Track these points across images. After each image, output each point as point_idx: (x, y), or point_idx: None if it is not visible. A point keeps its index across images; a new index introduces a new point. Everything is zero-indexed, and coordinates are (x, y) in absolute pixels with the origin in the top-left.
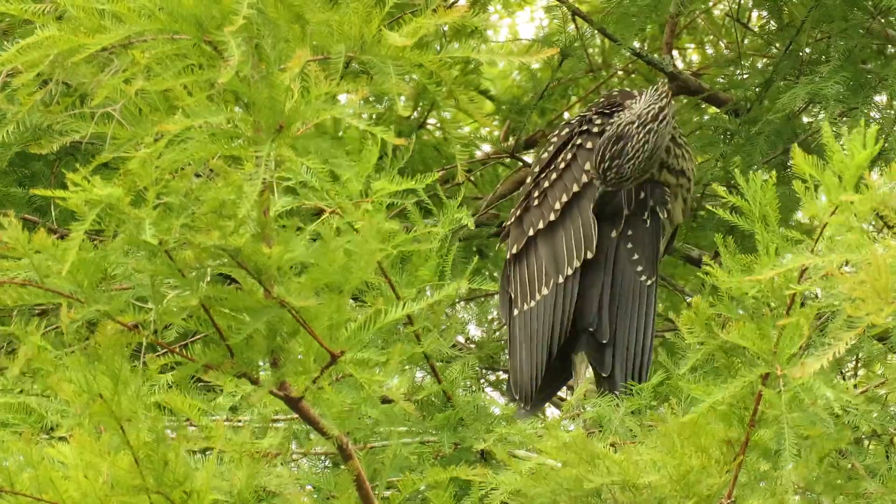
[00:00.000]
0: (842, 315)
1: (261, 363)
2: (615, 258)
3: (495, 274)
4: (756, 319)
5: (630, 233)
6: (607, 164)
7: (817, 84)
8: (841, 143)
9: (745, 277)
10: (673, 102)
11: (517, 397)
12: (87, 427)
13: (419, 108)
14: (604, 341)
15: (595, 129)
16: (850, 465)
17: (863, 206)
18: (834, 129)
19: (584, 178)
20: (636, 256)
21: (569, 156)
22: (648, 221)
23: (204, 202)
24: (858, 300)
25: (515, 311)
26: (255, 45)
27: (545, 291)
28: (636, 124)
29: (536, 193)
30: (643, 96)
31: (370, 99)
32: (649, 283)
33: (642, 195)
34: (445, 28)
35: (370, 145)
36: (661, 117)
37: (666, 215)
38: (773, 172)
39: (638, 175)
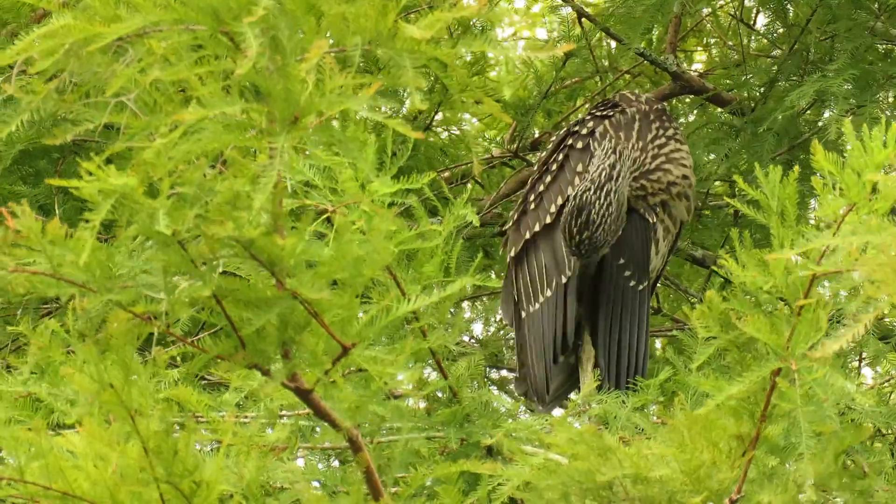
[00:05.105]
0: (860, 297)
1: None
2: (600, 263)
3: (502, 273)
4: (770, 313)
5: None
6: (577, 238)
7: (826, 81)
8: (858, 140)
9: (769, 255)
10: (624, 147)
11: (533, 397)
12: (96, 417)
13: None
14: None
15: (584, 131)
16: (853, 462)
17: (884, 200)
18: (851, 126)
19: (577, 181)
20: (622, 261)
21: (560, 156)
22: (636, 225)
23: (218, 193)
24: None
25: (523, 314)
26: (272, 36)
27: (549, 293)
28: (592, 190)
29: (532, 197)
30: (596, 154)
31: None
32: (640, 287)
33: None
34: (453, 26)
35: (371, 142)
36: (614, 175)
37: (655, 218)
38: (796, 168)
39: (611, 238)
